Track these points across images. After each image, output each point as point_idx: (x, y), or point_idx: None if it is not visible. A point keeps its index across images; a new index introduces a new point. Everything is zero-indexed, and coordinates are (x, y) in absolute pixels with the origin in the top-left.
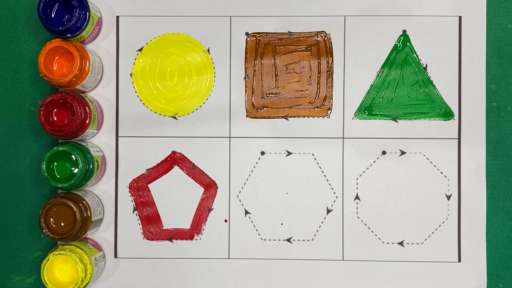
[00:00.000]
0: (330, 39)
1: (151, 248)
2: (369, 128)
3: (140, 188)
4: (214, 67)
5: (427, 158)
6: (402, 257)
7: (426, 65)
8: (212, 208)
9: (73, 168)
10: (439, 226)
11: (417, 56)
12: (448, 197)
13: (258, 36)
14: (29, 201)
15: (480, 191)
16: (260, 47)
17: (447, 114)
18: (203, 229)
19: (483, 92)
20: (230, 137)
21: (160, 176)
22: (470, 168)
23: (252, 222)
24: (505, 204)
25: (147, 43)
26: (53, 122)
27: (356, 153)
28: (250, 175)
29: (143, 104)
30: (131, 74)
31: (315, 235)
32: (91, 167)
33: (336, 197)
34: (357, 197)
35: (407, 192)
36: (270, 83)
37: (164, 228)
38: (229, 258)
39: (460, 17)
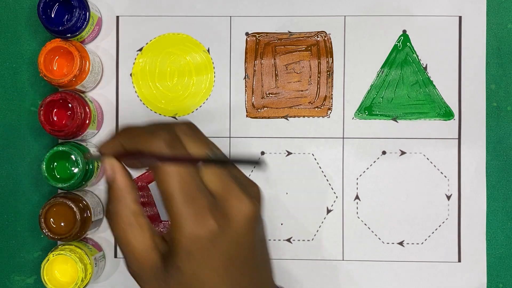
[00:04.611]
0: (330, 39)
1: None
2: (369, 128)
3: (140, 188)
4: (214, 67)
5: (427, 158)
6: (402, 257)
7: (426, 65)
8: None
9: (73, 168)
10: (439, 226)
11: (417, 56)
12: (448, 197)
13: (258, 36)
14: (29, 201)
15: (480, 191)
16: (260, 47)
17: (447, 114)
18: None
19: (483, 92)
20: (230, 137)
21: None
22: (470, 168)
23: None
24: (505, 204)
25: (147, 43)
26: (53, 122)
27: (356, 153)
28: (250, 175)
29: (143, 104)
30: (131, 74)
31: (315, 235)
32: (91, 167)
33: (336, 197)
34: (357, 197)
35: (407, 192)
36: (270, 83)
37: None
38: None
39: (460, 17)
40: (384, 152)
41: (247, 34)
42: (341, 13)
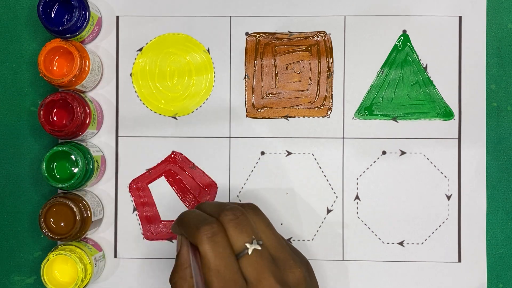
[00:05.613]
0: (330, 39)
1: (151, 248)
2: (369, 128)
3: (140, 188)
4: (214, 67)
5: (427, 158)
6: (402, 257)
7: (426, 65)
8: None
9: (73, 168)
10: (439, 226)
11: (417, 56)
12: (448, 197)
13: (258, 36)
14: (29, 201)
15: (480, 191)
16: (260, 47)
17: (447, 114)
18: None
19: (483, 92)
20: (230, 137)
21: (160, 176)
22: (470, 168)
23: None
24: (505, 204)
25: (147, 43)
26: (53, 122)
27: (356, 153)
28: (250, 175)
29: (143, 104)
30: (131, 74)
31: (315, 235)
32: (91, 167)
33: (336, 197)
34: (357, 197)
35: (407, 192)
36: (270, 83)
37: (164, 228)
38: None
39: (460, 17)
40: (384, 152)
41: (247, 34)
42: (341, 13)
